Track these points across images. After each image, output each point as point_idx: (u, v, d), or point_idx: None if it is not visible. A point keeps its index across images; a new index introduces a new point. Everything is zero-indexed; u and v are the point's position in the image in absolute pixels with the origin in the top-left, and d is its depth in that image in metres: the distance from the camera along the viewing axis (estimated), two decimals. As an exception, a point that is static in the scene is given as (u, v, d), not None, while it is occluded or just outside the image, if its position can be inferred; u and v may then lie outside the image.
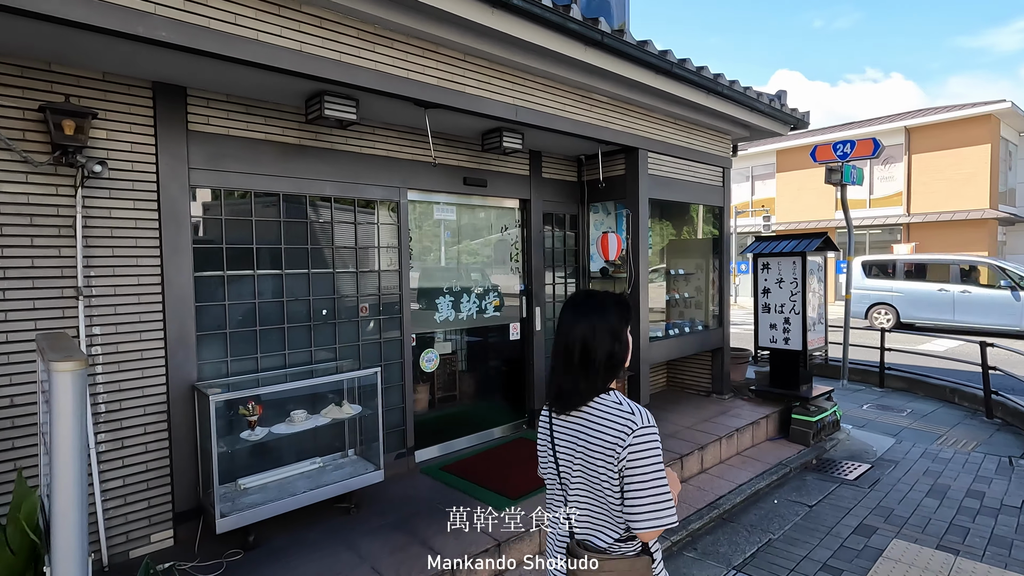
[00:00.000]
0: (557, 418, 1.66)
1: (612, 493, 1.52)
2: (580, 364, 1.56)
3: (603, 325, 1.58)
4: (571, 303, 1.67)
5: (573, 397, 1.57)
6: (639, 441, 1.48)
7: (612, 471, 1.50)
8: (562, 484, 1.65)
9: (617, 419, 1.52)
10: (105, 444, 3.07)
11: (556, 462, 1.65)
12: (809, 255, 5.79)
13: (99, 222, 3.02)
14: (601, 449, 1.52)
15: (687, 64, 4.67)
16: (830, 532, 3.91)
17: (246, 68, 2.97)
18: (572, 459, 1.60)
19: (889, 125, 19.39)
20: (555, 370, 1.63)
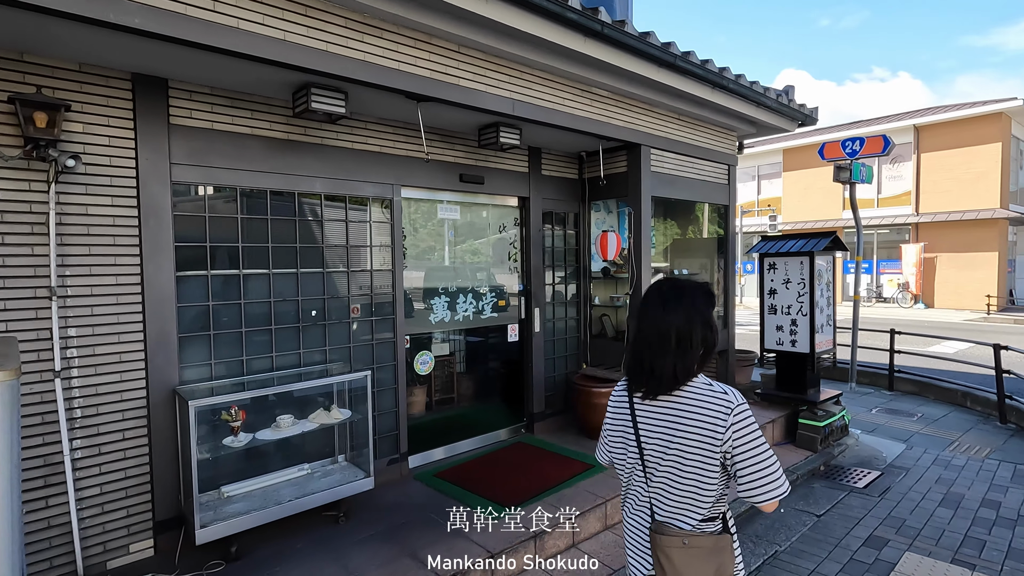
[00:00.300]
0: (642, 403, 1.69)
1: (708, 474, 1.57)
2: (677, 349, 1.59)
3: (696, 312, 1.62)
4: (658, 293, 1.69)
5: (669, 381, 1.61)
6: (739, 420, 1.55)
7: (713, 452, 1.55)
8: (645, 467, 1.67)
9: (713, 401, 1.57)
10: (81, 451, 2.94)
11: (640, 446, 1.68)
12: (817, 255, 5.62)
13: (75, 219, 2.90)
14: (699, 431, 1.56)
15: (691, 57, 4.51)
16: (839, 544, 3.75)
17: (227, 59, 2.84)
18: (662, 442, 1.63)
19: (898, 124, 19.13)
20: (643, 357, 1.64)
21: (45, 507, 2.85)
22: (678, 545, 1.59)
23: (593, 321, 5.69)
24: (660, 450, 1.63)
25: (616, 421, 1.78)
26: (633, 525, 1.75)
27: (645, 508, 1.69)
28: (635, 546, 1.74)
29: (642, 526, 1.71)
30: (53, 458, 2.84)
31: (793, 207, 22.01)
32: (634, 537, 1.74)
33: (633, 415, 1.71)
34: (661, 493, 1.64)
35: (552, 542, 3.45)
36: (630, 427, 1.72)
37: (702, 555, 1.58)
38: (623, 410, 1.75)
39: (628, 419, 1.73)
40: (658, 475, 1.64)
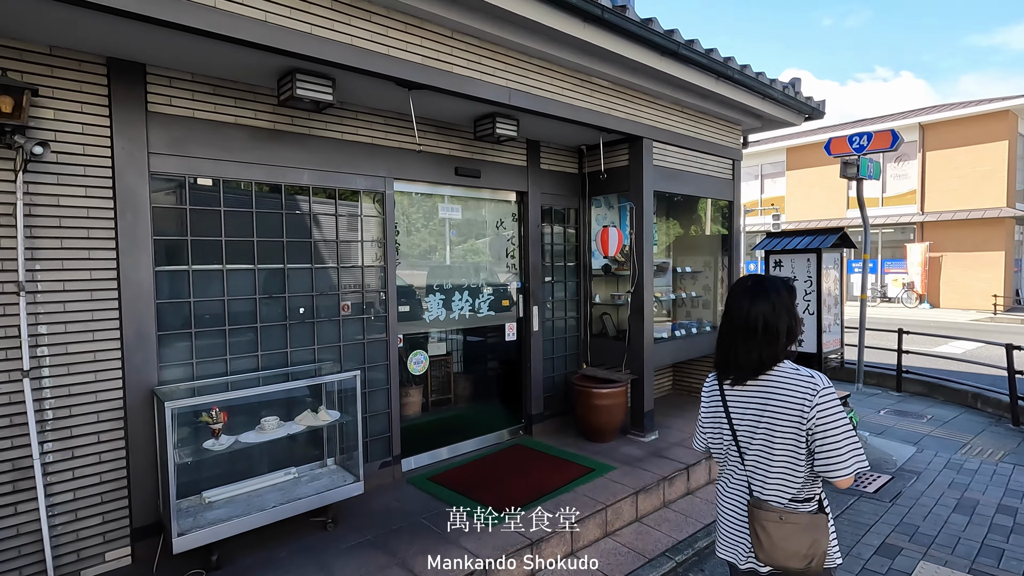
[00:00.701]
0: (731, 389, 1.83)
1: (796, 453, 1.70)
2: (764, 338, 1.74)
3: (781, 304, 1.76)
4: (742, 288, 1.83)
5: (756, 367, 1.75)
6: (825, 401, 1.66)
7: (800, 431, 1.68)
8: (740, 449, 1.81)
9: (799, 383, 1.70)
10: (52, 454, 2.79)
11: (732, 428, 1.82)
12: (825, 252, 5.45)
13: (46, 210, 2.75)
14: (787, 411, 1.70)
15: (695, 45, 4.35)
16: (850, 552, 3.58)
17: (207, 42, 2.69)
18: (752, 424, 1.77)
19: (903, 122, 18.91)
20: (730, 346, 1.80)
21: (14, 513, 2.70)
22: (775, 520, 1.70)
23: (593, 320, 5.53)
24: (751, 431, 1.78)
25: (709, 409, 1.94)
26: (729, 502, 1.89)
27: (742, 486, 1.83)
28: (731, 522, 1.87)
29: (739, 502, 1.85)
30: (22, 462, 2.70)
31: (797, 206, 21.81)
32: (730, 513, 1.88)
33: (724, 401, 1.86)
34: (756, 471, 1.78)
35: (550, 550, 3.30)
36: (722, 413, 1.87)
37: (797, 530, 1.69)
38: (714, 398, 1.91)
39: (719, 405, 1.88)
40: (751, 455, 1.79)
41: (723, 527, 1.91)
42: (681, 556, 3.44)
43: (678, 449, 4.63)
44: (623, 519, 3.77)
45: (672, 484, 4.14)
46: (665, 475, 4.11)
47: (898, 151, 16.28)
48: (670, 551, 3.48)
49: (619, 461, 4.37)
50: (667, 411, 5.72)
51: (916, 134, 18.77)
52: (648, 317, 4.90)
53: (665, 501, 4.09)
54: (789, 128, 7.23)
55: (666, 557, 3.42)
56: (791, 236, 5.74)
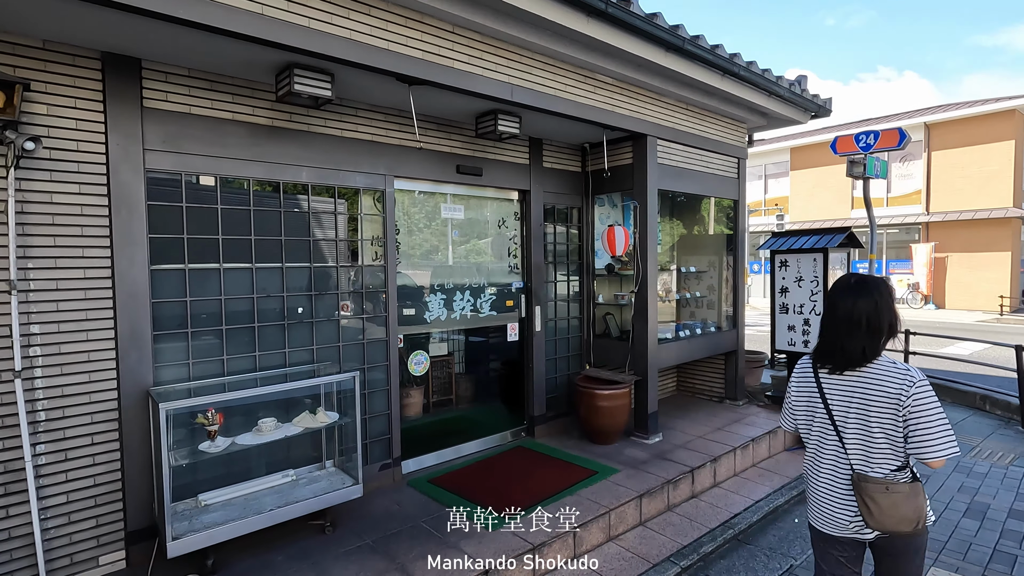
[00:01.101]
0: (828, 377, 2.01)
1: (893, 434, 1.88)
2: (867, 332, 1.90)
3: (883, 302, 1.91)
4: (844, 286, 1.99)
5: (858, 359, 1.92)
6: (920, 391, 1.84)
7: (896, 416, 1.86)
8: (838, 430, 1.99)
9: (896, 375, 1.88)
10: (45, 456, 2.74)
11: (829, 413, 2.01)
12: (831, 252, 5.38)
13: (38, 207, 2.70)
14: (884, 399, 1.88)
15: (700, 41, 4.28)
16: (859, 558, 3.50)
17: (202, 36, 2.64)
18: (854, 408, 1.95)
19: (908, 121, 18.77)
20: (834, 339, 1.97)
21: (6, 516, 2.65)
22: (882, 490, 1.88)
23: (596, 320, 5.46)
24: (852, 414, 1.95)
25: (801, 393, 2.12)
26: (827, 478, 2.04)
27: (842, 463, 1.99)
28: (829, 495, 2.03)
29: (839, 477, 2.00)
30: (14, 464, 2.65)
31: (801, 206, 21.69)
32: (828, 488, 2.03)
33: (820, 387, 2.04)
34: (858, 450, 1.95)
35: (552, 554, 3.23)
36: (817, 397, 2.05)
37: (902, 498, 1.87)
38: (808, 383, 2.09)
39: (814, 391, 2.06)
40: (853, 435, 1.96)
41: (820, 501, 2.06)
42: (686, 561, 3.37)
43: (683, 451, 4.55)
44: (626, 523, 3.70)
45: (677, 487, 4.07)
46: (669, 478, 4.03)
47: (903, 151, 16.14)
48: (675, 556, 3.41)
49: (622, 464, 4.30)
50: (671, 413, 5.65)
51: (922, 134, 18.64)
52: (652, 317, 4.83)
53: (669, 504, 4.02)
54: (793, 128, 7.16)
55: (671, 562, 3.35)
56: (797, 236, 5.67)
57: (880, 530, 1.92)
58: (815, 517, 2.12)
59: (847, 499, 1.98)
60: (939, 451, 1.80)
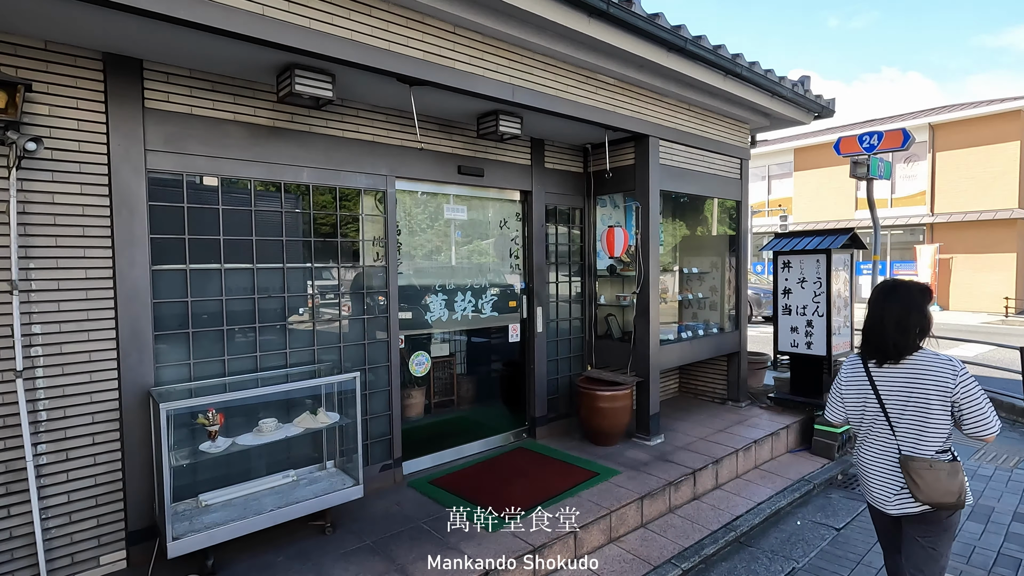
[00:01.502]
0: (877, 369, 2.31)
1: (942, 417, 2.18)
2: (895, 331, 2.22)
3: (912, 304, 2.23)
4: (879, 290, 2.34)
5: (895, 353, 2.23)
6: (964, 378, 2.15)
7: (946, 402, 2.16)
8: (887, 415, 2.28)
9: (941, 365, 2.18)
10: (46, 456, 2.75)
11: (880, 400, 2.29)
12: (834, 253, 5.35)
13: (40, 208, 2.70)
14: (934, 387, 2.17)
15: (703, 41, 4.26)
16: (861, 561, 3.49)
17: (203, 36, 2.64)
18: (903, 396, 2.24)
19: (913, 122, 18.69)
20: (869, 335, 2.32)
21: (7, 516, 2.65)
22: (926, 467, 2.18)
23: (598, 321, 5.45)
24: (901, 401, 2.25)
25: (852, 386, 2.41)
26: (878, 460, 2.35)
27: (890, 446, 2.29)
28: (880, 474, 2.34)
29: (888, 459, 2.31)
30: (15, 464, 2.65)
31: (804, 207, 21.62)
32: (879, 468, 2.34)
33: (870, 379, 2.33)
34: (907, 434, 2.24)
35: (552, 555, 3.22)
36: (868, 388, 2.34)
37: (944, 475, 2.16)
38: (859, 376, 2.38)
39: (865, 382, 2.35)
40: (901, 421, 2.25)
41: (872, 479, 2.37)
42: (687, 564, 3.35)
43: (684, 453, 4.54)
44: (628, 525, 3.69)
45: (678, 489, 4.05)
46: (671, 480, 4.02)
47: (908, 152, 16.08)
48: (676, 558, 3.39)
49: (624, 465, 4.29)
50: (673, 414, 5.63)
51: (926, 134, 18.55)
52: (654, 318, 4.82)
53: (671, 506, 4.01)
54: (797, 128, 7.13)
55: (672, 564, 3.33)
56: (800, 237, 5.65)
57: (927, 502, 2.18)
58: (868, 493, 2.44)
59: (894, 477, 2.28)
60: (991, 429, 2.11)
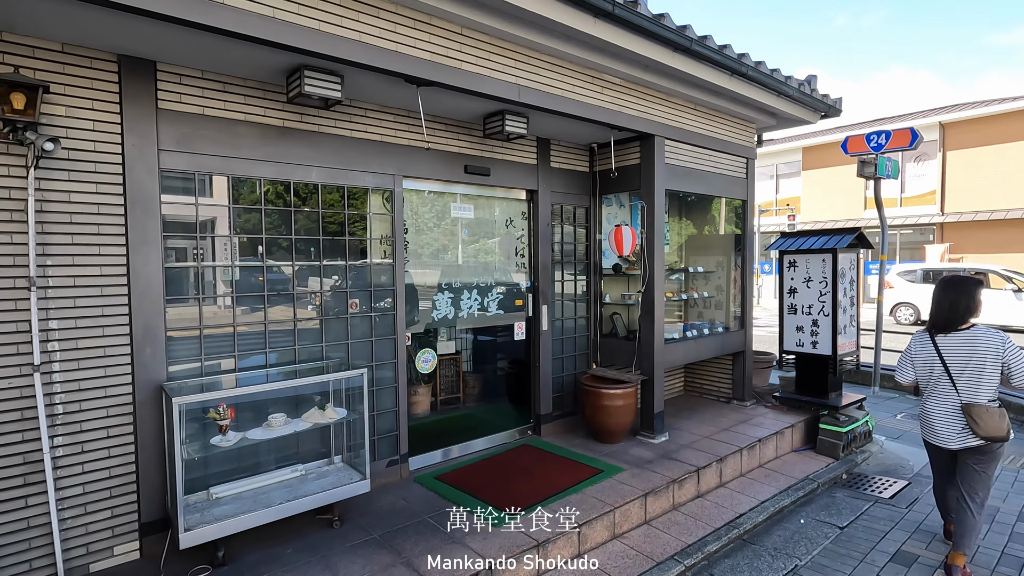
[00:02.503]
0: (942, 338, 3.24)
1: (993, 373, 3.10)
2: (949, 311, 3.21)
3: (963, 292, 3.19)
4: (943, 282, 3.26)
5: (951, 325, 3.21)
6: (1010, 344, 3.07)
7: (996, 361, 3.07)
8: (950, 374, 3.20)
9: (992, 335, 3.11)
10: (63, 448, 2.82)
11: (944, 363, 3.21)
12: (840, 252, 5.35)
13: (57, 207, 2.77)
14: (987, 350, 3.09)
15: (708, 41, 4.28)
16: (864, 559, 3.50)
17: (216, 39, 2.70)
18: (962, 358, 3.16)
19: (923, 120, 18.55)
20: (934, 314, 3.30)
21: (24, 506, 2.73)
22: (984, 411, 3.08)
23: (604, 320, 5.48)
24: (961, 363, 3.17)
25: (921, 353, 3.35)
26: (942, 408, 3.26)
27: (953, 397, 3.20)
28: (946, 419, 3.23)
29: (951, 407, 3.22)
30: (33, 456, 2.72)
31: (813, 207, 21.51)
32: (944, 414, 3.24)
33: (936, 346, 3.26)
34: (967, 387, 3.15)
35: (556, 551, 3.26)
36: (934, 354, 3.27)
37: (996, 416, 3.06)
38: (927, 346, 3.31)
39: (932, 350, 3.28)
40: (961, 377, 3.16)
41: (938, 423, 3.26)
42: (690, 560, 3.38)
43: (689, 451, 4.56)
44: (631, 521, 3.72)
45: (682, 486, 4.08)
46: (675, 477, 4.05)
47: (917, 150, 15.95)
48: (679, 555, 3.42)
49: (628, 463, 4.32)
50: (678, 413, 5.65)
51: (936, 133, 18.41)
52: (659, 317, 4.84)
53: (675, 504, 4.03)
54: (805, 127, 7.12)
55: (675, 561, 3.36)
56: (806, 236, 5.64)
57: (984, 437, 3.06)
58: (932, 436, 3.33)
59: (957, 420, 3.18)
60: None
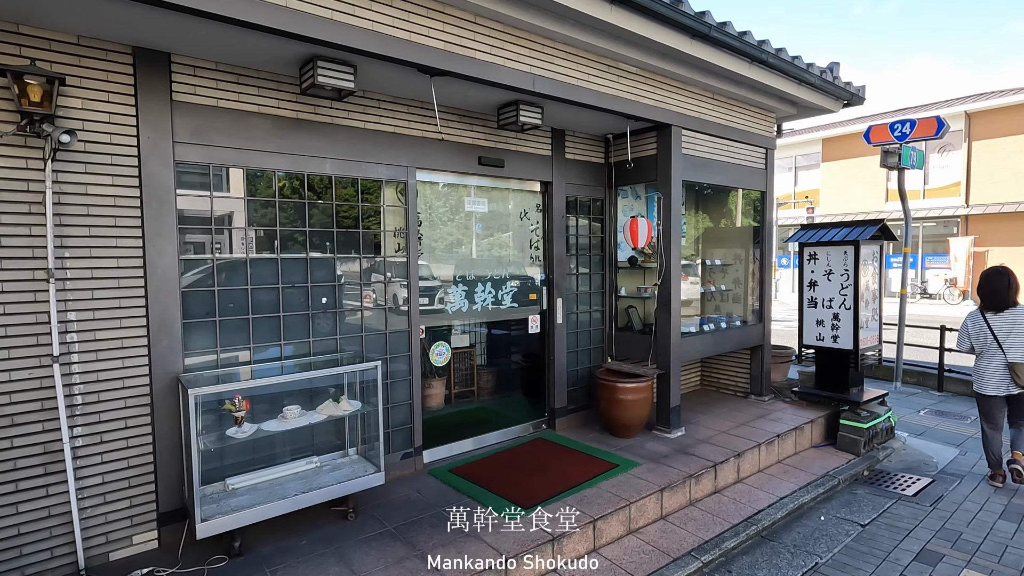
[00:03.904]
0: (992, 316, 4.27)
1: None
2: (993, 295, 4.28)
3: (1009, 281, 4.26)
4: (991, 271, 4.35)
5: (997, 306, 4.25)
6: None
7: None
8: (998, 342, 4.23)
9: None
10: (82, 438, 2.85)
11: (994, 334, 4.25)
12: (863, 244, 5.22)
13: (74, 199, 2.79)
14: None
15: (728, 28, 4.18)
16: (887, 558, 3.42)
17: (229, 30, 2.69)
18: (1008, 330, 4.21)
19: (947, 110, 18.05)
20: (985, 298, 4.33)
21: (45, 495, 2.76)
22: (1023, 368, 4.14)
23: (619, 313, 5.41)
24: (1006, 332, 4.20)
25: (976, 327, 4.36)
26: (993, 367, 4.28)
27: (1000, 359, 4.23)
28: (996, 375, 4.27)
29: (1000, 365, 4.24)
30: (52, 446, 2.76)
31: (832, 199, 21.10)
32: (995, 372, 4.27)
33: (987, 322, 4.27)
34: (1011, 351, 4.18)
35: (571, 546, 3.23)
36: (986, 327, 4.29)
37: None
38: (980, 321, 4.33)
39: (983, 324, 4.30)
40: (1006, 342, 4.20)
41: (991, 379, 4.30)
42: (707, 556, 3.33)
43: (705, 446, 4.50)
44: (647, 516, 3.68)
45: (699, 482, 4.02)
46: (691, 472, 3.99)
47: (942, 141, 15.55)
48: (696, 551, 3.38)
49: (644, 457, 4.27)
50: (694, 408, 5.58)
51: (962, 123, 17.92)
52: (675, 311, 4.77)
53: (691, 499, 3.98)
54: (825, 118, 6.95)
55: (692, 556, 3.32)
56: (827, 228, 5.51)
57: (1021, 386, 4.16)
58: (984, 387, 4.35)
59: (1004, 376, 4.24)
60: None
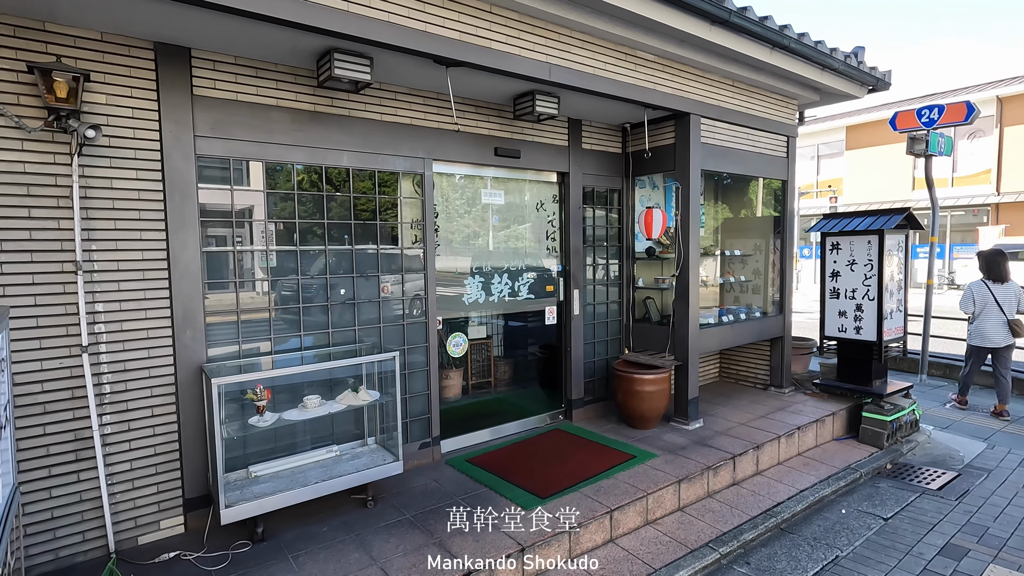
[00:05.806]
0: (993, 285, 5.66)
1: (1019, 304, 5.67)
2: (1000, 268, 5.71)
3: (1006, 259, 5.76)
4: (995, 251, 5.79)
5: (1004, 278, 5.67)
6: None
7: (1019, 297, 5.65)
8: (999, 305, 5.58)
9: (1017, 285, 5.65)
10: (110, 426, 2.93)
11: (995, 299, 5.59)
12: (888, 234, 5.10)
13: (100, 192, 2.85)
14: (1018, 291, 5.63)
15: (748, 13, 4.09)
16: (910, 551, 3.37)
17: (247, 24, 2.72)
18: (1005, 295, 5.59)
19: (978, 95, 17.51)
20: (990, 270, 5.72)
21: (77, 481, 2.86)
22: (1018, 323, 5.51)
23: (636, 304, 5.38)
24: (1004, 297, 5.57)
25: (981, 294, 5.67)
26: (994, 324, 5.61)
27: (1000, 316, 5.57)
28: (997, 328, 5.59)
29: (1001, 321, 5.57)
30: (83, 433, 2.84)
31: (856, 188, 20.66)
32: (996, 326, 5.60)
33: (990, 290, 5.63)
34: (1008, 309, 5.55)
35: (588, 537, 3.24)
36: (989, 294, 5.62)
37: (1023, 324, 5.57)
38: (983, 289, 5.68)
39: (987, 291, 5.63)
40: (1005, 304, 5.56)
41: (991, 333, 5.58)
42: (725, 548, 3.32)
43: (724, 438, 4.47)
44: (664, 508, 3.67)
45: (717, 474, 4.00)
46: (709, 464, 3.97)
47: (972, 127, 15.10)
48: (714, 542, 3.36)
49: (661, 449, 4.26)
50: (712, 399, 5.54)
51: (993, 108, 17.37)
52: (694, 302, 4.73)
53: (709, 491, 3.96)
54: (848, 104, 6.79)
55: (709, 548, 3.30)
56: (851, 217, 5.40)
57: (1017, 338, 5.50)
58: (982, 340, 5.62)
59: (1004, 329, 5.47)
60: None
